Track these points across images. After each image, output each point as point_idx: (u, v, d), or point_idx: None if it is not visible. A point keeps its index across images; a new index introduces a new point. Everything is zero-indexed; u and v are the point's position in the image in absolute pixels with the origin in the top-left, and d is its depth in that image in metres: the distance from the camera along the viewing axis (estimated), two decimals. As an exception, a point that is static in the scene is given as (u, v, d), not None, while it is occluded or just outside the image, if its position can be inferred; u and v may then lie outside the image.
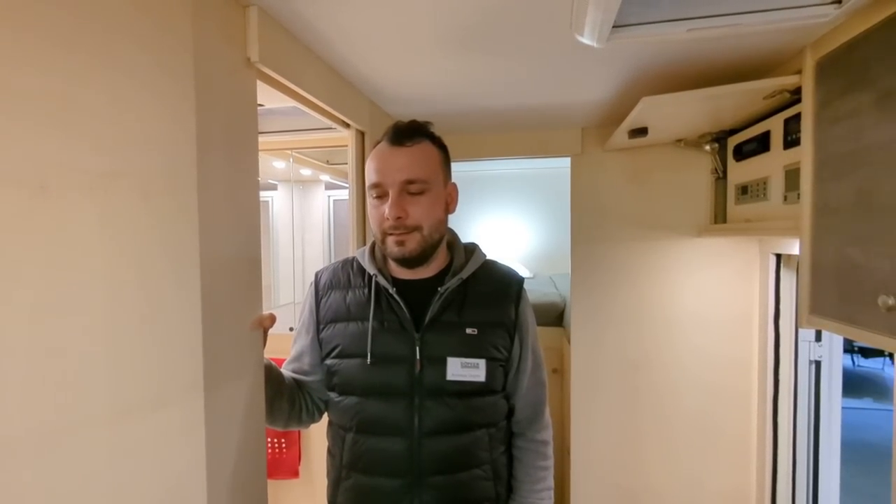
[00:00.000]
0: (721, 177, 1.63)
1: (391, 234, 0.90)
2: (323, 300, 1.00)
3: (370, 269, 0.96)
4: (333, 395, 0.97)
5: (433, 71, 1.20)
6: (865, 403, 4.90)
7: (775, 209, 1.25)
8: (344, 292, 0.98)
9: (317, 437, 1.74)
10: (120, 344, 0.62)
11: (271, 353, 0.94)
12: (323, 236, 3.05)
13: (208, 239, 0.71)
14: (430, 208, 0.90)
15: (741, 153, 1.44)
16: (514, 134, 1.88)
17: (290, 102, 1.08)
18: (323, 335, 0.98)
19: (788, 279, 1.57)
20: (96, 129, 0.59)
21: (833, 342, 1.50)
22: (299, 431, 1.75)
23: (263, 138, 1.78)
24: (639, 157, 1.78)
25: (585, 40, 0.88)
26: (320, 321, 0.99)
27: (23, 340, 0.53)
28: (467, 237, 1.05)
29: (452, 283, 0.94)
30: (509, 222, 4.08)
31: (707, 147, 1.60)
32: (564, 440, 2.09)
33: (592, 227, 1.83)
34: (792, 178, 1.15)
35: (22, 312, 0.53)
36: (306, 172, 2.69)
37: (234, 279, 0.79)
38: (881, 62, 0.78)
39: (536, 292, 2.60)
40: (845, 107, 0.87)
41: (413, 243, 0.90)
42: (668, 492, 1.81)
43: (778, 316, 1.59)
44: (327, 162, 2.52)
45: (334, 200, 3.11)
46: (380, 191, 0.90)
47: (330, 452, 1.01)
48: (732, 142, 1.51)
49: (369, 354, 0.91)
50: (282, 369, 1.01)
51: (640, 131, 1.46)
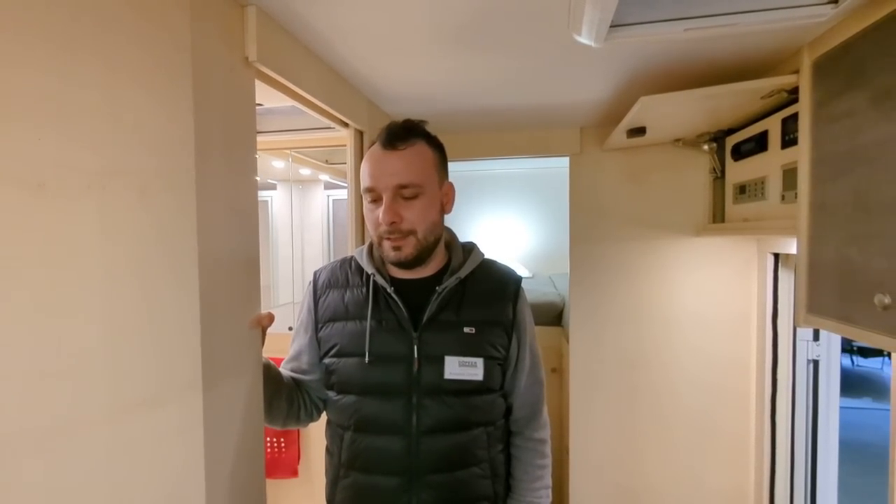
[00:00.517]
0: (719, 176, 1.64)
1: (387, 239, 0.90)
2: (321, 299, 1.00)
3: (368, 269, 0.96)
4: (332, 394, 0.97)
5: (432, 70, 1.20)
6: (864, 403, 4.91)
7: (773, 209, 1.25)
8: (342, 291, 0.99)
9: (316, 437, 1.74)
10: (118, 342, 0.62)
11: (271, 353, 0.94)
12: (322, 236, 3.05)
13: (206, 238, 0.71)
14: (425, 212, 0.90)
15: (739, 153, 1.44)
16: (513, 133, 1.88)
17: (289, 102, 1.08)
18: (321, 334, 0.98)
19: (787, 278, 1.57)
20: (94, 129, 0.60)
21: (831, 341, 1.51)
22: (298, 431, 1.75)
23: (262, 138, 1.78)
24: (637, 157, 1.78)
25: (583, 40, 0.88)
26: (318, 320, 0.99)
27: (21, 339, 0.53)
28: (466, 237, 1.05)
29: (450, 283, 0.94)
30: (508, 222, 4.08)
31: (705, 146, 1.60)
32: (563, 439, 2.10)
33: (591, 227, 1.83)
34: (789, 178, 1.16)
35: (20, 311, 0.54)
36: (305, 172, 2.69)
37: (233, 278, 0.79)
38: (877, 62, 0.78)
39: (535, 292, 2.60)
40: (842, 106, 0.87)
41: (409, 247, 0.90)
42: (667, 490, 1.81)
43: (776, 315, 1.59)
44: (326, 161, 2.52)
45: (333, 200, 3.11)
46: (374, 195, 0.90)
47: (328, 451, 1.01)
48: (730, 141, 1.52)
49: (367, 353, 0.91)
50: (280, 368, 1.01)
51: (639, 131, 1.46)
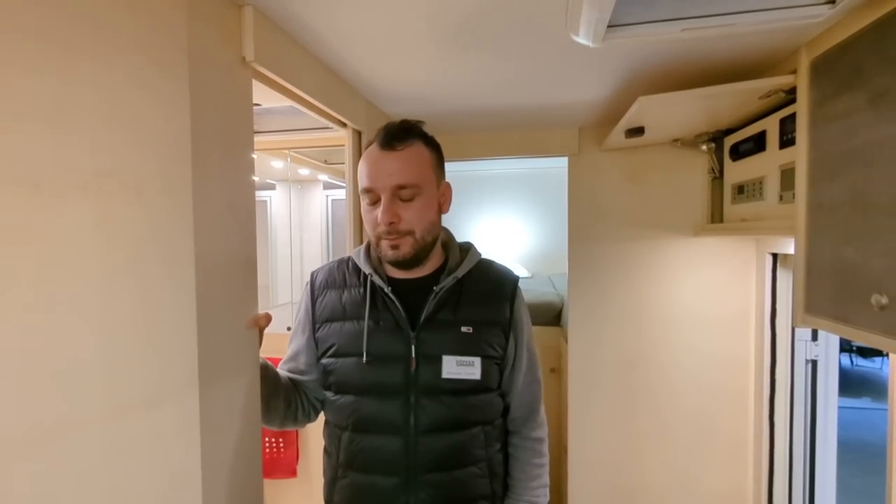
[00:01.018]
0: (718, 176, 1.64)
1: (385, 239, 0.90)
2: (319, 300, 1.00)
3: (365, 269, 0.96)
4: (329, 394, 0.97)
5: (430, 70, 1.20)
6: (864, 403, 4.91)
7: (771, 209, 1.25)
8: (340, 292, 0.99)
9: (314, 437, 1.74)
10: (115, 342, 0.62)
11: (269, 352, 0.94)
12: (321, 236, 3.05)
13: (203, 238, 0.71)
14: (423, 212, 0.91)
15: (737, 153, 1.44)
16: (512, 133, 1.88)
17: (287, 102, 1.08)
18: (319, 334, 0.98)
19: (785, 278, 1.57)
20: (91, 129, 0.60)
21: (829, 341, 1.51)
22: (297, 431, 1.75)
23: (261, 138, 1.78)
24: (636, 157, 1.78)
25: (581, 40, 0.88)
26: (316, 321, 0.99)
27: (18, 339, 0.53)
28: (466, 237, 1.05)
29: (447, 282, 0.94)
30: (508, 222, 4.08)
31: (704, 147, 1.60)
32: (563, 439, 2.10)
33: (590, 227, 1.83)
34: (787, 178, 1.16)
35: (17, 311, 0.54)
36: (304, 172, 2.69)
37: (230, 278, 0.79)
38: (874, 62, 0.78)
39: (534, 292, 2.60)
40: (839, 106, 0.87)
41: (406, 247, 0.90)
42: (665, 490, 1.81)
43: (774, 315, 1.59)
44: (325, 161, 2.52)
45: (332, 200, 3.11)
46: (372, 196, 0.90)
47: (326, 451, 1.01)
48: (729, 141, 1.52)
49: (365, 353, 0.91)
50: (278, 369, 1.01)
51: (637, 131, 1.46)
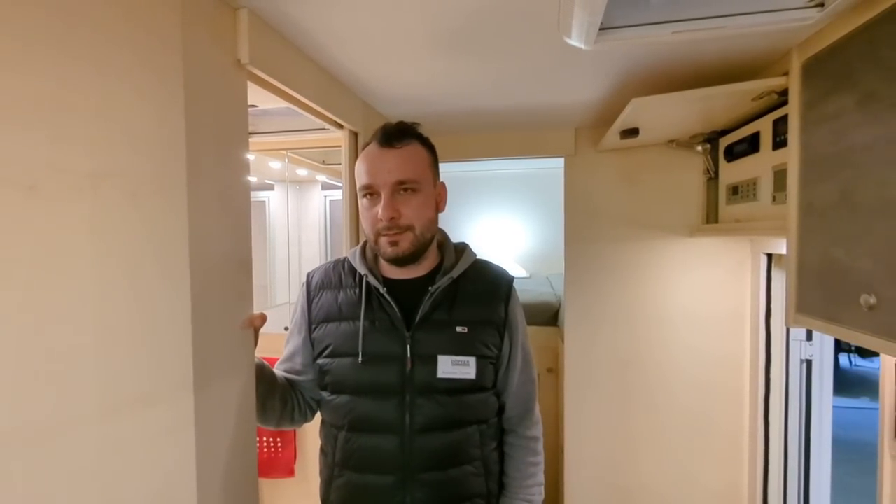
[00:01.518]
0: (713, 177, 1.64)
1: (384, 235, 0.91)
2: (315, 300, 1.01)
3: (361, 269, 0.97)
4: (326, 394, 0.98)
5: (425, 72, 1.21)
6: (862, 403, 4.91)
7: (764, 209, 1.26)
8: (335, 292, 0.99)
9: (312, 436, 1.75)
10: (109, 342, 0.63)
11: (268, 352, 0.95)
12: (319, 236, 3.06)
13: (198, 239, 0.72)
14: (422, 208, 0.92)
15: (732, 154, 1.45)
16: (508, 134, 1.89)
17: (283, 103, 1.09)
18: (315, 335, 0.99)
19: (780, 279, 1.58)
20: (86, 131, 0.60)
21: (824, 341, 1.52)
22: (294, 431, 1.76)
23: (259, 139, 1.79)
24: (632, 158, 1.79)
25: (573, 42, 0.89)
26: (312, 321, 1.00)
27: (12, 339, 0.54)
28: (464, 238, 1.06)
29: (443, 283, 0.95)
30: (506, 222, 4.09)
31: (699, 147, 1.61)
32: (559, 438, 2.11)
33: (586, 227, 1.84)
34: (780, 179, 1.16)
35: (11, 311, 0.54)
36: (302, 172, 2.70)
37: (225, 279, 0.80)
38: (863, 64, 0.79)
39: (532, 292, 2.60)
40: (829, 108, 0.88)
41: (406, 243, 0.91)
42: (661, 489, 1.82)
43: (769, 315, 1.60)
44: (323, 162, 2.53)
45: (331, 200, 3.11)
46: (372, 192, 0.91)
47: (322, 451, 1.01)
48: (724, 142, 1.52)
49: (360, 353, 0.92)
50: (274, 369, 1.02)
51: (632, 132, 1.47)
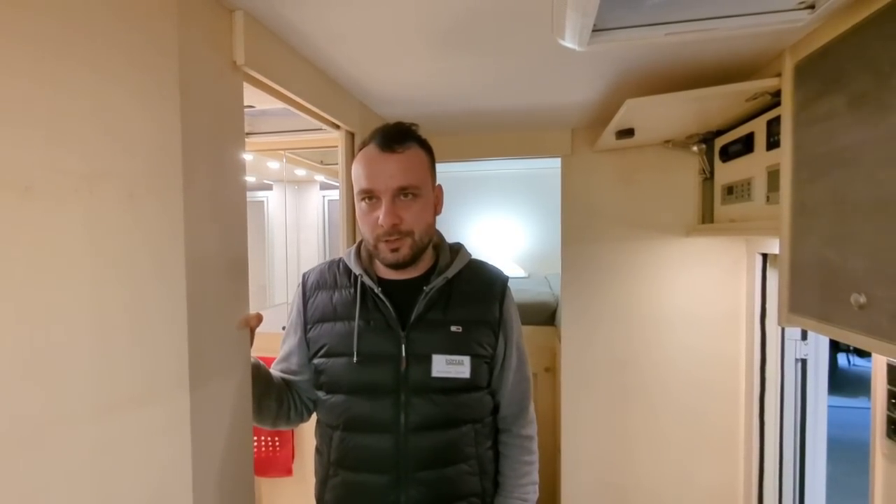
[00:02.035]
0: (708, 177, 1.65)
1: (385, 241, 0.90)
2: (310, 300, 1.01)
3: (356, 270, 0.97)
4: (321, 394, 0.98)
5: (422, 73, 1.21)
6: (861, 402, 4.92)
7: (759, 209, 1.27)
8: (331, 292, 1.00)
9: (310, 436, 1.74)
10: (105, 342, 0.63)
11: (266, 352, 0.95)
12: (318, 236, 3.06)
13: (194, 240, 0.73)
14: (422, 213, 0.92)
15: (727, 154, 1.46)
16: (505, 134, 1.90)
17: (281, 104, 1.10)
18: (310, 335, 0.99)
19: (775, 278, 1.58)
20: (82, 133, 0.61)
21: (819, 341, 1.52)
22: (292, 430, 1.76)
23: (257, 139, 1.80)
24: (628, 158, 1.80)
25: (567, 43, 0.89)
26: (308, 321, 1.00)
27: (8, 338, 0.54)
28: (462, 238, 1.06)
29: (437, 283, 0.95)
30: (504, 222, 4.10)
31: (694, 148, 1.62)
32: (557, 437, 2.11)
33: (583, 227, 1.85)
34: (774, 179, 1.17)
35: (8, 311, 0.55)
36: (301, 173, 2.70)
37: (220, 279, 0.80)
38: (853, 66, 0.80)
39: (529, 292, 2.61)
40: (821, 109, 0.88)
41: (406, 249, 0.91)
42: (658, 488, 1.83)
43: (764, 314, 1.61)
44: (321, 162, 2.53)
45: (329, 200, 3.11)
46: (371, 197, 0.90)
47: (318, 451, 1.02)
48: (719, 143, 1.53)
49: (355, 353, 0.93)
50: (271, 369, 1.03)
51: (627, 132, 1.47)
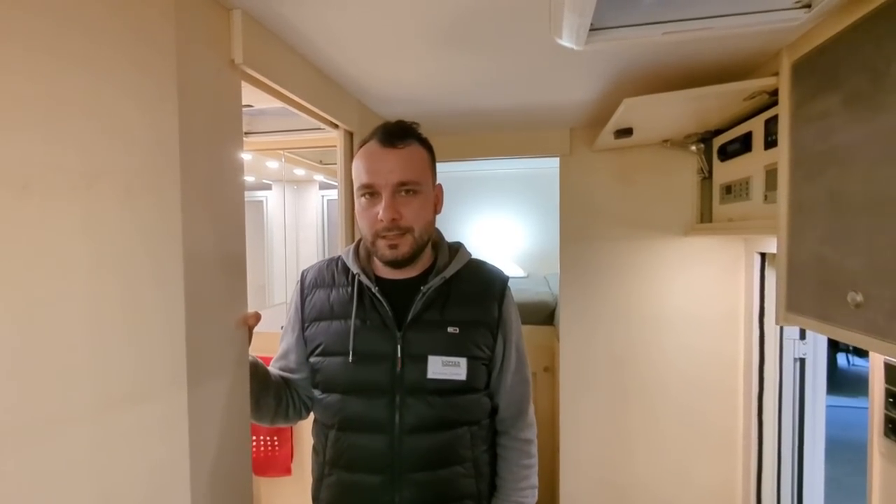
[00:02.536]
0: (707, 177, 1.65)
1: (383, 237, 0.90)
2: (308, 298, 1.01)
3: (353, 268, 0.97)
4: (317, 393, 0.98)
5: (421, 72, 1.21)
6: (860, 402, 4.93)
7: (757, 208, 1.27)
8: (328, 291, 1.00)
9: (309, 435, 1.74)
10: (103, 340, 0.63)
11: (265, 352, 0.95)
12: (317, 236, 3.07)
13: (191, 238, 0.73)
14: (422, 210, 0.92)
15: (725, 153, 1.46)
16: (503, 134, 1.90)
17: (279, 103, 1.10)
18: (307, 333, 0.99)
19: (773, 277, 1.59)
20: (80, 130, 0.61)
21: (817, 340, 1.52)
22: (291, 429, 1.76)
23: (255, 138, 1.80)
24: (626, 157, 1.80)
25: (565, 43, 0.89)
26: (305, 319, 1.00)
27: (6, 337, 0.55)
28: (461, 237, 1.06)
29: (435, 283, 0.95)
30: (503, 222, 4.10)
31: (693, 147, 1.62)
32: (555, 437, 2.11)
33: (581, 227, 1.85)
34: (772, 178, 1.17)
35: (6, 309, 0.55)
36: (300, 172, 2.70)
37: (218, 278, 0.80)
38: (849, 65, 0.80)
39: (528, 291, 2.61)
40: (817, 108, 0.88)
41: (405, 246, 0.91)
42: (656, 487, 1.83)
43: (763, 314, 1.61)
44: (320, 162, 2.54)
45: (328, 200, 3.12)
46: (371, 192, 0.90)
47: (314, 450, 1.02)
48: (717, 142, 1.53)
49: (351, 352, 0.92)
50: (269, 367, 1.03)
51: (626, 132, 1.47)
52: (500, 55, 1.11)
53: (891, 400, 1.00)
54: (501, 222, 4.11)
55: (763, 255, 1.60)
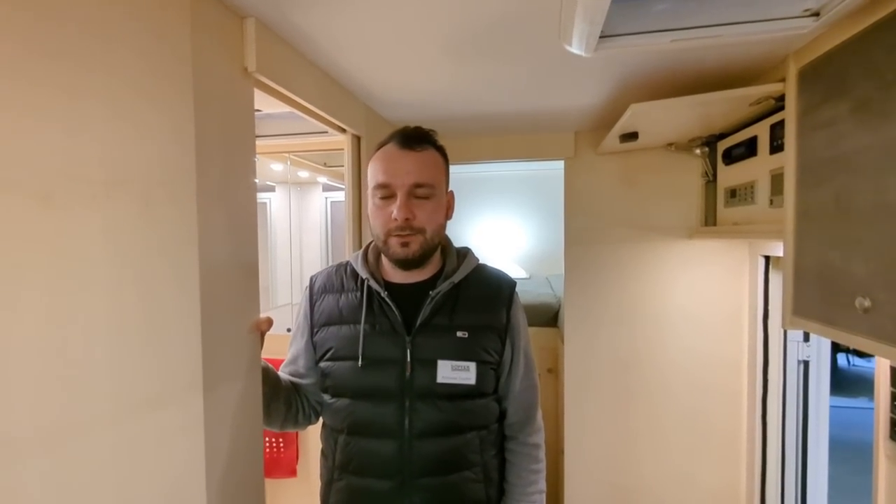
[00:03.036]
0: (711, 180, 1.66)
1: (396, 236, 0.91)
2: (317, 304, 1.02)
3: (362, 273, 0.97)
4: (327, 397, 0.99)
5: (428, 77, 1.22)
6: (860, 402, 4.94)
7: (762, 212, 1.28)
8: (337, 296, 1.01)
9: (314, 437, 1.75)
10: (122, 347, 0.64)
11: (268, 353, 0.96)
12: (320, 238, 3.07)
13: (207, 244, 0.73)
14: (434, 213, 0.93)
15: (730, 157, 1.47)
16: (509, 137, 1.91)
17: (288, 108, 1.11)
18: (317, 338, 1.00)
19: (777, 280, 1.59)
20: (100, 140, 0.62)
21: (821, 343, 1.53)
22: (297, 431, 1.77)
23: (261, 141, 1.80)
24: (631, 160, 1.80)
25: (574, 50, 0.90)
26: (314, 325, 1.01)
27: (29, 344, 0.55)
28: (464, 239, 1.07)
29: (444, 287, 0.96)
30: (506, 223, 4.10)
31: (697, 151, 1.62)
32: (559, 439, 2.12)
33: (586, 229, 1.86)
34: (777, 183, 1.18)
35: (28, 317, 0.56)
36: (303, 174, 2.71)
37: (233, 283, 0.81)
38: (858, 72, 0.80)
39: (531, 293, 2.62)
40: (825, 114, 0.89)
41: (416, 245, 0.92)
42: (660, 489, 1.83)
43: (767, 316, 1.62)
44: (324, 164, 2.54)
45: (332, 202, 3.12)
46: (387, 192, 0.91)
47: (323, 454, 1.02)
48: (722, 146, 1.54)
49: (361, 357, 0.93)
50: (279, 371, 1.03)
51: (631, 136, 1.48)
52: (509, 62, 1.11)
53: (896, 403, 1.01)
54: (503, 223, 4.11)
55: (767, 258, 1.61)
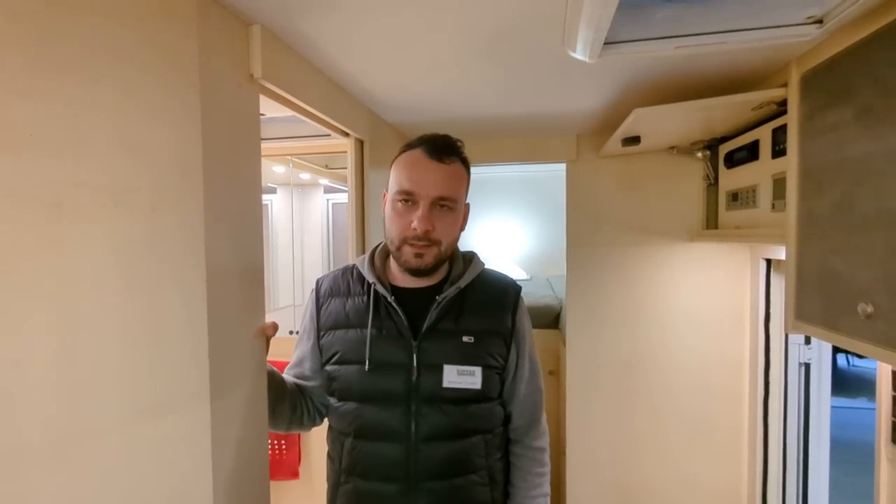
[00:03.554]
0: (713, 183, 1.67)
1: (411, 245, 0.91)
2: (323, 307, 1.02)
3: (369, 278, 0.98)
4: (333, 401, 1.00)
5: (432, 83, 1.23)
6: (860, 403, 4.95)
7: (764, 216, 1.28)
8: (343, 300, 1.01)
9: (316, 439, 1.77)
10: (131, 353, 0.64)
11: (271, 356, 0.96)
12: (321, 239, 3.08)
13: (213, 251, 0.74)
14: (452, 225, 0.94)
15: (732, 161, 1.47)
16: (511, 140, 1.91)
17: (291, 112, 1.11)
18: (323, 342, 1.00)
19: (778, 283, 1.60)
20: (108, 149, 0.62)
21: (822, 345, 1.54)
22: (299, 433, 1.77)
23: (264, 144, 1.79)
24: (633, 164, 1.81)
25: (578, 56, 0.90)
26: (320, 328, 1.01)
27: (38, 352, 0.56)
28: (464, 239, 1.06)
29: (450, 292, 0.96)
30: (507, 225, 4.11)
31: (699, 154, 1.63)
32: (561, 440, 2.13)
33: (587, 232, 1.86)
34: (779, 187, 1.19)
35: (37, 325, 0.56)
36: (305, 176, 2.71)
37: (239, 289, 0.82)
38: (861, 79, 0.81)
39: (533, 295, 2.62)
40: (828, 120, 0.90)
41: (430, 257, 0.92)
42: (663, 490, 1.84)
43: (768, 319, 1.62)
44: (326, 166, 2.55)
45: (333, 204, 3.13)
46: (411, 199, 0.91)
47: (329, 457, 1.03)
48: (723, 149, 1.54)
49: (367, 361, 0.93)
50: (284, 374, 1.04)
51: (634, 140, 1.49)
52: (513, 67, 1.12)
53: (898, 407, 1.02)
54: (503, 224, 4.11)
55: (768, 261, 1.61)
